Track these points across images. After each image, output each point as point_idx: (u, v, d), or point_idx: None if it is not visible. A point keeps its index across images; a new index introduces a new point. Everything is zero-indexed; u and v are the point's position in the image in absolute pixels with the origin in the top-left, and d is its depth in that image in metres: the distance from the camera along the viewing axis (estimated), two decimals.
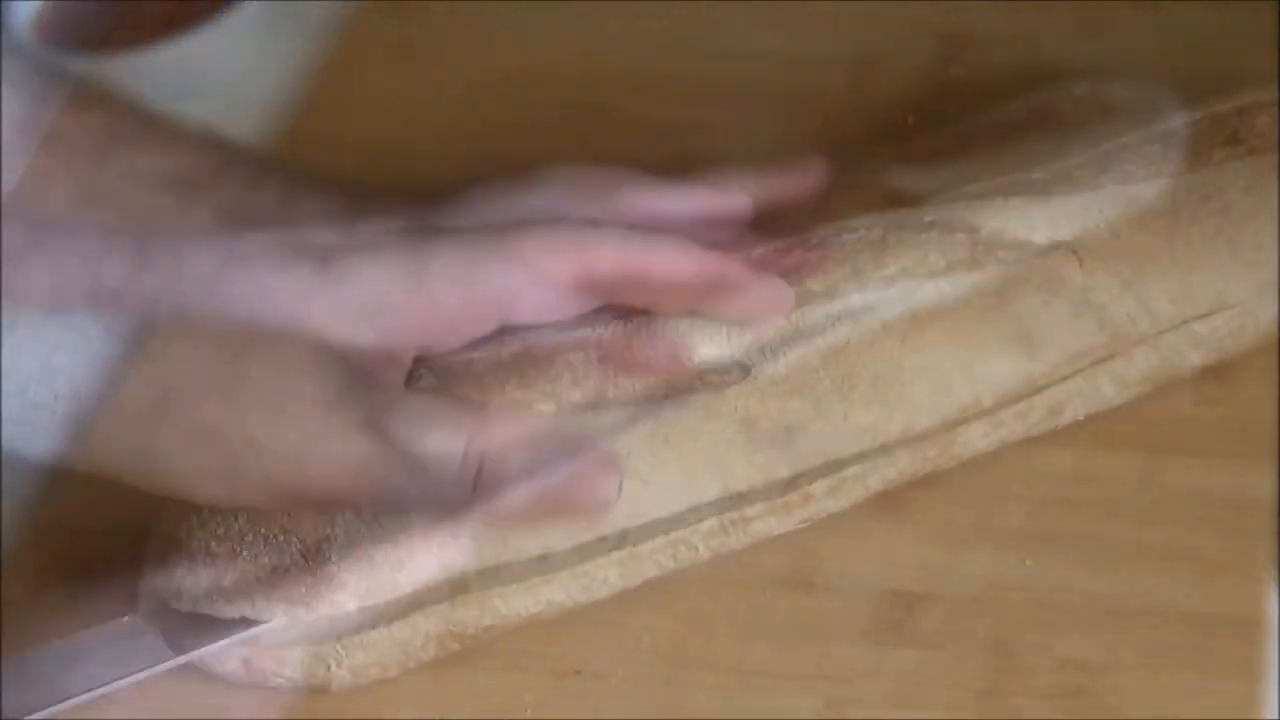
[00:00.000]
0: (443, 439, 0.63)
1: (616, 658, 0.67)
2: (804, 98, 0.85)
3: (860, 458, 0.67)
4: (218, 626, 0.64)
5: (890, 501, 0.69)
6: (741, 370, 0.66)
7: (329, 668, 0.64)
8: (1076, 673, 0.65)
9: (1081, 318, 0.69)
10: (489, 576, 0.65)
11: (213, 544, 0.65)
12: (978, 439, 0.69)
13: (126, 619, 0.65)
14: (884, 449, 0.67)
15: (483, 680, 0.66)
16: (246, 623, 0.64)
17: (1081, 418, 0.70)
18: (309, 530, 0.64)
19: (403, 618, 0.64)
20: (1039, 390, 0.69)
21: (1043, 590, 0.67)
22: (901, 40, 0.87)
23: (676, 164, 0.81)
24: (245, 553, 0.64)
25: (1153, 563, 0.68)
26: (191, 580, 0.64)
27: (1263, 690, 0.64)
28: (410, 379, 0.65)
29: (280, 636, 0.64)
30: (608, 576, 0.66)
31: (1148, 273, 0.69)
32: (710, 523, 0.66)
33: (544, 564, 0.65)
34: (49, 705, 0.63)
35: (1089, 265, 0.69)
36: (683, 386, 0.66)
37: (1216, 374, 0.71)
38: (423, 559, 0.64)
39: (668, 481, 0.66)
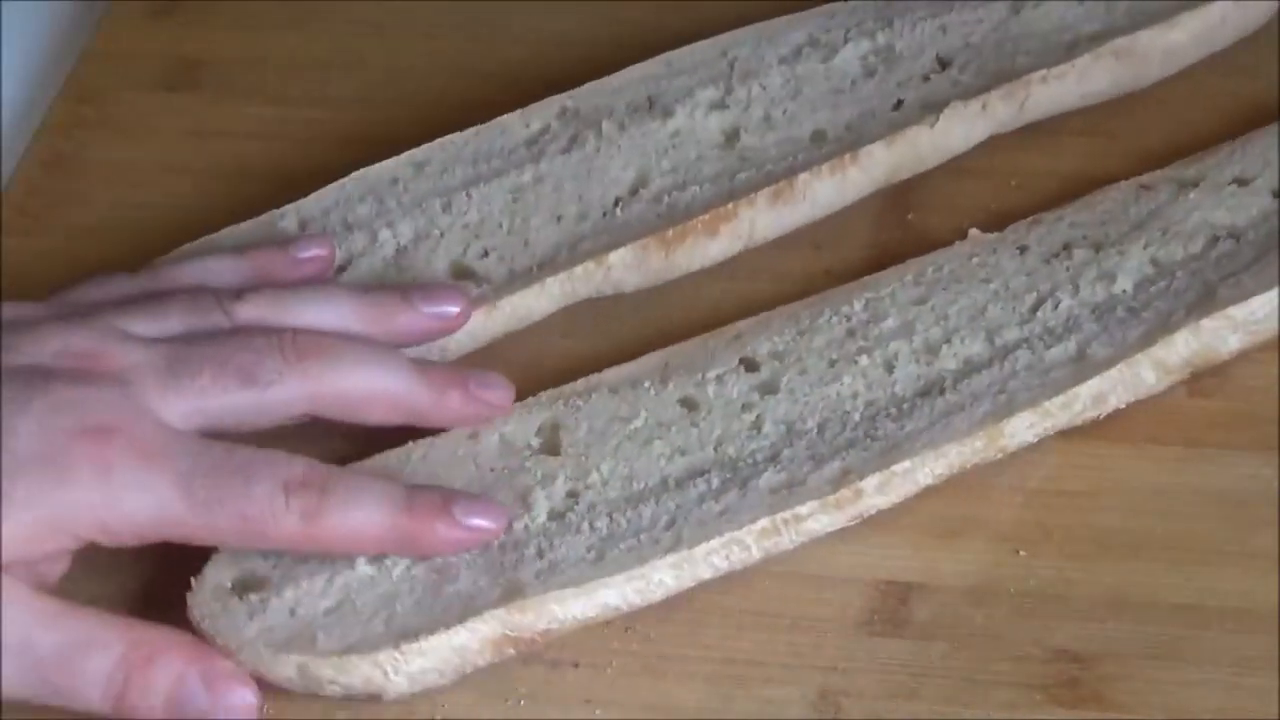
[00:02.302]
0: None
1: (609, 649, 0.67)
2: None
3: (906, 453, 0.68)
4: None
5: None
6: None
7: (386, 675, 0.65)
8: (1070, 664, 0.65)
9: None
10: (544, 580, 0.65)
11: None
12: (1024, 431, 0.69)
13: None
14: (931, 445, 0.68)
15: (475, 671, 0.66)
16: None
17: (1123, 405, 0.70)
18: None
19: (459, 622, 0.64)
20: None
21: (1036, 581, 0.67)
22: None
23: None
24: None
25: (1147, 554, 0.67)
26: None
27: (1261, 683, 0.64)
28: None
29: (339, 643, 0.64)
30: (663, 579, 0.66)
31: None
32: (763, 522, 0.66)
33: (599, 567, 0.65)
34: None
35: None
36: None
37: (1211, 366, 0.71)
38: None
39: None
